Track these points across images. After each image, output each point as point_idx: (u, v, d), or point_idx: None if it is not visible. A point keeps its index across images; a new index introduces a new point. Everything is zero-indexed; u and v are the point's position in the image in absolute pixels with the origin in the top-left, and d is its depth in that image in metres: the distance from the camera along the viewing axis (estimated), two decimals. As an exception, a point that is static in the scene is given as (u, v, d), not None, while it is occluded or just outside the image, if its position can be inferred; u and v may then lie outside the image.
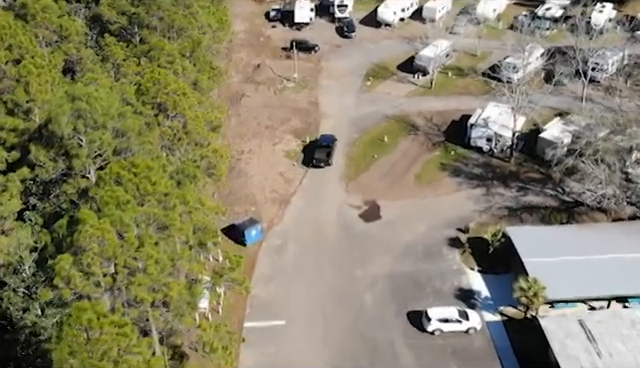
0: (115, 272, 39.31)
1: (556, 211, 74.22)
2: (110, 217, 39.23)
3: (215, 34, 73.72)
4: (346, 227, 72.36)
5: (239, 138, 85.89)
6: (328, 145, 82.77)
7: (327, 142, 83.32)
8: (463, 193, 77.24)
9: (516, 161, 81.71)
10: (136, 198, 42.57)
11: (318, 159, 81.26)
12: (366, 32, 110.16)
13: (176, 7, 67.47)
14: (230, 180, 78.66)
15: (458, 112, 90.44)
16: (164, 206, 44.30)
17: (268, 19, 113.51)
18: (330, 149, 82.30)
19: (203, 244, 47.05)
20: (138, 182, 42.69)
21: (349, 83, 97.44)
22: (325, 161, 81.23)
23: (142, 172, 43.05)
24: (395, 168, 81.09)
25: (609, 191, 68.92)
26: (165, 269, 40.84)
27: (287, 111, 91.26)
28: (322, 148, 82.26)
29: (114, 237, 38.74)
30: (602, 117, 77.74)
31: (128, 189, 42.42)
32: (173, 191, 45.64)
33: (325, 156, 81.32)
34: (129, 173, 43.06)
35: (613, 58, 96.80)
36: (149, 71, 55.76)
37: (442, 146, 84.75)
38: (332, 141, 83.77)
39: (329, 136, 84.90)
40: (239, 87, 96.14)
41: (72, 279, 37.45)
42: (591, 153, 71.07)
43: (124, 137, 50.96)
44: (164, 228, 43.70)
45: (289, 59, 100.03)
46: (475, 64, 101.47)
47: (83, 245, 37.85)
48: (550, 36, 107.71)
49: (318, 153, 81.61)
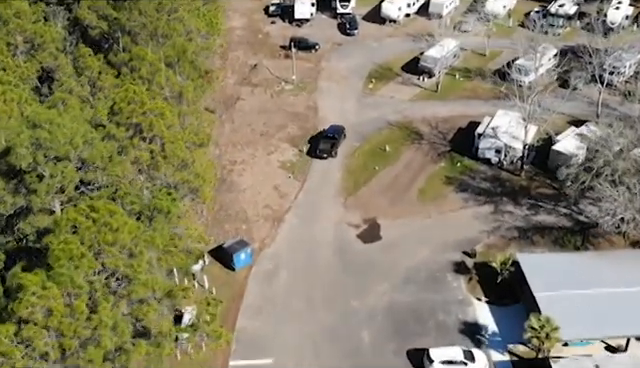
0: (63, 346, 33.31)
1: (570, 233, 67.50)
2: (59, 278, 33.13)
3: (204, 39, 66.79)
4: (343, 250, 65.94)
5: (232, 146, 79.29)
6: (334, 136, 78.72)
7: (333, 133, 79.16)
8: (469, 211, 70.61)
9: (527, 175, 74.95)
10: (94, 249, 36.37)
11: (322, 150, 77.09)
12: (369, 29, 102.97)
13: (160, 12, 60.61)
14: (221, 194, 72.32)
15: (465, 118, 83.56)
16: (129, 253, 38.09)
17: (267, 14, 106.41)
18: (336, 140, 78.22)
19: (173, 296, 40.73)
20: (97, 231, 36.49)
21: (350, 85, 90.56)
22: (328, 152, 77.04)
23: (102, 218, 36.81)
24: (397, 182, 74.48)
25: (628, 215, 62.15)
26: (123, 335, 34.79)
27: (284, 116, 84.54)
28: (327, 139, 78.40)
29: (61, 306, 32.67)
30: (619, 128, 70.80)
31: (85, 239, 36.22)
32: (141, 235, 39.35)
33: (329, 147, 77.30)
34: (87, 220, 36.81)
35: (630, 60, 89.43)
36: (123, 90, 49.18)
37: (448, 157, 78.00)
38: (339, 132, 79.38)
39: (337, 127, 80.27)
40: (234, 90, 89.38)
41: (12, 355, 31.52)
42: (609, 173, 64.20)
43: (91, 167, 44.62)
44: (127, 281, 37.56)
45: (288, 58, 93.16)
46: (484, 65, 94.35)
47: (24, 316, 31.88)
48: (563, 34, 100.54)
49: (322, 143, 77.66)
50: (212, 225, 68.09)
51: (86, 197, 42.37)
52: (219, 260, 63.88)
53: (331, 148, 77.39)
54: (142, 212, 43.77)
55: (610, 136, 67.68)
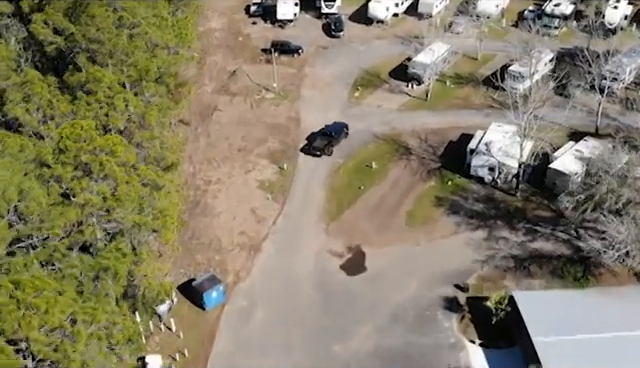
0: None
1: (570, 262, 61.06)
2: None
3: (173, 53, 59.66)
4: (325, 283, 59.45)
5: (207, 164, 72.39)
6: (331, 134, 74.48)
7: (332, 131, 74.89)
8: (461, 237, 64.16)
9: (522, 194, 68.39)
10: (18, 335, 29.92)
11: (315, 147, 73.13)
12: (355, 30, 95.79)
13: (120, 27, 53.45)
14: (193, 218, 65.63)
15: (457, 130, 76.86)
16: (62, 334, 31.60)
17: (248, 14, 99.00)
18: (332, 139, 74.02)
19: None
20: (20, 316, 29.98)
21: (335, 93, 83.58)
22: (322, 150, 72.86)
23: (28, 297, 30.26)
24: (384, 203, 67.90)
25: (635, 252, 55.79)
26: None
27: (264, 129, 77.60)
28: (324, 136, 74.29)
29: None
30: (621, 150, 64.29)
31: (7, 324, 29.70)
32: (79, 309, 32.82)
33: (323, 145, 73.17)
34: (10, 301, 30.26)
35: (631, 65, 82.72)
36: (69, 126, 42.34)
37: (438, 174, 71.36)
38: (338, 131, 75.03)
39: (337, 125, 76.00)
40: (212, 99, 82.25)
41: None
42: (613, 202, 57.72)
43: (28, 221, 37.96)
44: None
45: (269, 64, 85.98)
46: (476, 70, 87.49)
47: None
48: (559, 35, 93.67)
49: (317, 141, 73.69)
50: (183, 256, 61.42)
51: (18, 259, 35.73)
52: (189, 297, 57.37)
53: (325, 146, 72.95)
54: (83, 275, 37.17)
55: (612, 159, 61.29)
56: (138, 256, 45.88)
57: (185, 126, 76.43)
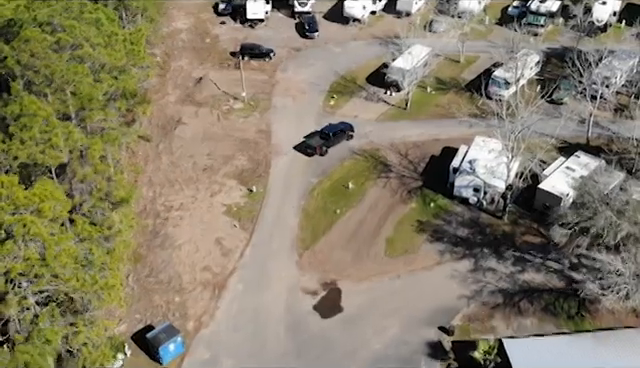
0: None
1: (563, 297, 55.02)
2: None
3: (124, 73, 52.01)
4: (297, 327, 52.72)
5: (169, 186, 65.03)
6: (328, 134, 68.97)
7: (329, 130, 69.36)
8: (445, 268, 57.69)
9: (510, 217, 62.06)
10: None
11: (308, 145, 68.29)
12: (331, 30, 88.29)
13: (60, 51, 45.73)
14: (152, 252, 58.49)
15: (439, 143, 70.11)
16: None
17: (217, 13, 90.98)
18: (328, 139, 68.71)
19: None
20: None
21: (309, 102, 76.30)
22: (313, 149, 67.92)
23: None
24: (362, 229, 61.14)
25: (634, 287, 49.66)
26: None
27: (232, 144, 70.23)
28: (320, 135, 69.20)
29: None
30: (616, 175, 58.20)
31: None
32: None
33: (318, 145, 68.03)
34: None
35: (622, 68, 76.17)
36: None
37: (419, 194, 64.65)
38: (338, 132, 69.48)
39: (339, 125, 70.51)
40: (175, 110, 74.57)
41: None
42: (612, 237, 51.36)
43: None
44: None
45: (238, 69, 78.33)
46: (458, 74, 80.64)
47: None
48: (545, 34, 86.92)
49: (312, 139, 68.75)
50: (139, 297, 54.46)
51: None
52: (144, 349, 50.47)
53: (319, 146, 67.92)
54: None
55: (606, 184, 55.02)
56: (76, 324, 38.90)
57: (145, 143, 68.87)
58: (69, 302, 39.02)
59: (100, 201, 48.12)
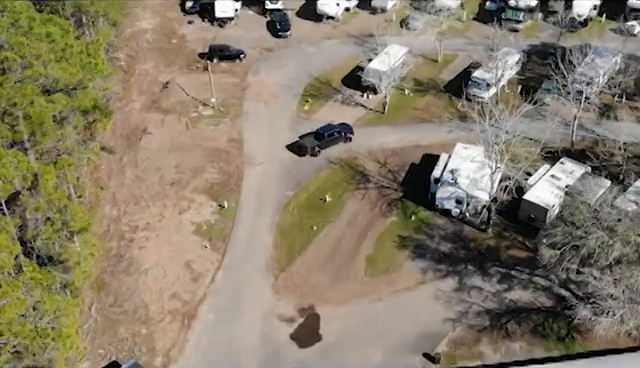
0: None
1: (552, 316, 51.83)
2: None
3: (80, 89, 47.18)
4: (274, 359, 48.66)
5: (134, 204, 60.41)
6: (322, 134, 65.55)
7: (327, 131, 65.86)
8: (429, 288, 54.14)
9: (494, 230, 58.65)
10: None
11: (299, 145, 65.18)
12: (303, 28, 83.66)
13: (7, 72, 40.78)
14: (116, 278, 54.05)
15: (418, 150, 66.33)
16: None
17: (184, 12, 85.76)
18: (324, 139, 65.28)
19: None
20: None
21: (282, 107, 71.91)
22: (305, 149, 64.75)
23: None
24: (340, 247, 57.25)
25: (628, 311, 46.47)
26: None
27: (201, 155, 65.67)
28: (316, 135, 65.63)
29: None
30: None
31: None
32: None
33: (310, 145, 64.74)
34: None
35: (605, 66, 72.76)
36: None
37: (400, 207, 60.87)
38: (335, 133, 66.16)
39: (338, 126, 67.07)
40: (140, 118, 69.66)
41: None
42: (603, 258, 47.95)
43: None
44: None
45: (207, 72, 73.52)
46: (436, 74, 76.66)
47: None
48: (524, 29, 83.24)
49: (305, 139, 65.35)
50: (103, 329, 50.12)
51: None
52: (110, 389, 46.41)
53: (312, 147, 64.69)
54: None
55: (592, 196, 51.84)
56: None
57: (109, 155, 64.10)
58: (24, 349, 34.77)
59: (56, 232, 43.63)
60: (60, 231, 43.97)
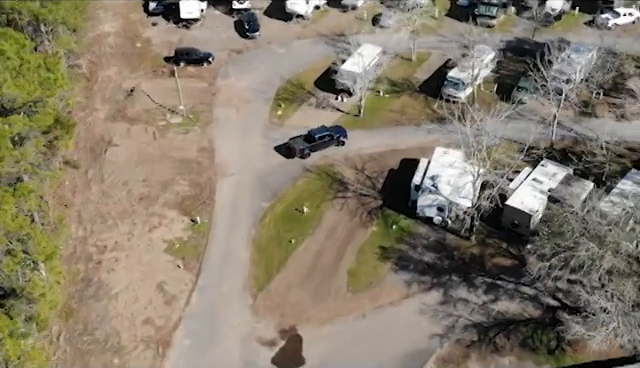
0: None
1: (541, 328, 49.99)
2: None
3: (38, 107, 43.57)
4: (255, 387, 46.35)
5: (101, 222, 56.88)
6: (313, 137, 63.04)
7: (318, 133, 63.27)
8: (414, 302, 51.82)
9: (477, 237, 56.59)
10: None
11: (289, 147, 62.89)
12: (273, 28, 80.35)
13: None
14: (85, 304, 50.63)
15: (396, 155, 63.87)
16: None
17: (147, 13, 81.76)
18: (314, 142, 62.82)
19: None
20: None
21: (254, 113, 68.72)
22: (294, 151, 62.50)
23: None
24: (320, 261, 54.59)
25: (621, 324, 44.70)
26: None
27: (170, 167, 62.25)
28: (307, 137, 63.24)
29: None
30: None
31: None
32: None
33: (300, 148, 62.38)
34: None
35: (581, 62, 70.94)
36: None
37: (380, 215, 58.40)
38: (327, 135, 63.46)
39: (331, 128, 64.58)
40: (105, 128, 65.91)
41: None
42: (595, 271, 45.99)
43: None
44: None
45: (174, 77, 69.85)
46: (411, 74, 74.11)
47: None
48: (497, 24, 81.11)
49: (296, 141, 63.01)
50: (72, 362, 46.78)
51: None
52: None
53: (301, 149, 62.41)
54: None
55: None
56: None
57: (73, 169, 60.39)
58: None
59: (18, 264, 40.21)
60: (23, 262, 40.51)
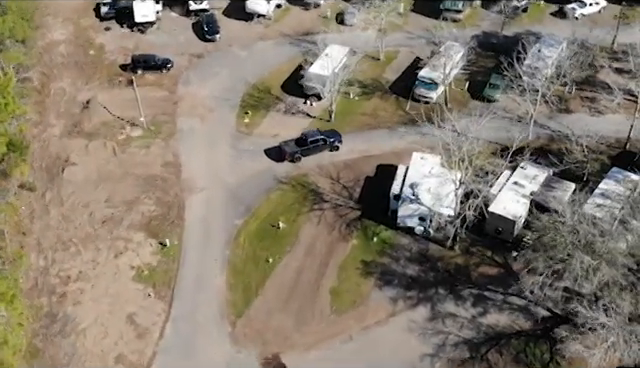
0: None
1: (533, 340, 48.03)
2: None
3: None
4: (240, 425, 43.15)
5: (63, 249, 52.50)
6: (305, 140, 60.65)
7: (310, 137, 60.76)
8: (401, 320, 49.22)
9: (461, 245, 54.25)
10: None
11: (281, 150, 60.40)
12: (233, 29, 76.08)
13: None
14: (51, 342, 46.53)
15: (372, 161, 61.04)
16: None
17: (99, 17, 76.66)
18: (306, 145, 60.36)
19: None
20: None
21: (220, 122, 64.83)
22: (284, 155, 60.02)
23: None
24: (301, 280, 51.49)
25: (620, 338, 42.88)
26: None
27: (134, 184, 58.07)
28: (299, 140, 60.88)
29: None
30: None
31: None
32: None
33: (289, 150, 59.94)
34: None
35: (552, 56, 68.95)
36: None
37: (359, 227, 55.57)
38: (320, 139, 60.84)
39: (325, 132, 61.83)
40: (61, 146, 61.17)
41: None
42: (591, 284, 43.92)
43: None
44: None
45: (131, 86, 65.36)
46: (380, 74, 70.98)
47: None
48: (464, 18, 78.53)
49: (287, 144, 60.59)
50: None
51: None
52: None
53: (288, 153, 59.97)
54: None
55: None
56: None
57: (28, 193, 55.77)
58: None
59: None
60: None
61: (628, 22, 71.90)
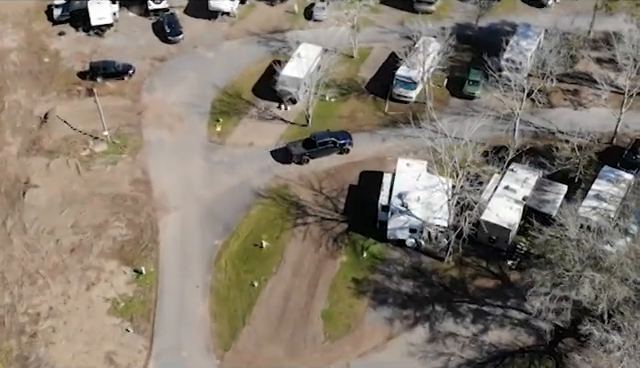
0: None
1: (537, 357, 45.80)
2: None
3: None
4: None
5: (29, 283, 47.75)
6: (314, 142, 57.71)
7: (320, 138, 57.81)
8: (399, 343, 46.31)
9: (454, 256, 51.53)
10: None
11: (288, 151, 57.75)
12: (196, 29, 71.00)
13: None
14: (22, 391, 42.27)
15: (354, 168, 57.68)
16: None
17: (52, 21, 70.72)
18: (315, 147, 57.36)
19: None
20: None
21: (190, 131, 60.39)
22: (291, 157, 57.27)
23: None
24: (290, 305, 48.03)
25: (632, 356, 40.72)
26: None
27: (101, 206, 53.38)
28: (306, 142, 57.90)
29: None
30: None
31: None
32: None
33: (296, 152, 57.23)
34: None
35: (531, 48, 66.32)
36: None
37: (348, 242, 52.27)
38: (330, 141, 57.76)
39: (335, 133, 58.87)
40: (20, 166, 55.89)
41: None
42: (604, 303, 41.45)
43: None
44: None
45: (92, 96, 60.29)
46: (355, 73, 67.13)
47: None
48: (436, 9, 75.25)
49: (295, 146, 57.77)
50: None
51: None
52: None
53: (296, 155, 57.22)
54: None
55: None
56: None
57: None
58: None
59: None
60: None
61: (612, 13, 69.07)
